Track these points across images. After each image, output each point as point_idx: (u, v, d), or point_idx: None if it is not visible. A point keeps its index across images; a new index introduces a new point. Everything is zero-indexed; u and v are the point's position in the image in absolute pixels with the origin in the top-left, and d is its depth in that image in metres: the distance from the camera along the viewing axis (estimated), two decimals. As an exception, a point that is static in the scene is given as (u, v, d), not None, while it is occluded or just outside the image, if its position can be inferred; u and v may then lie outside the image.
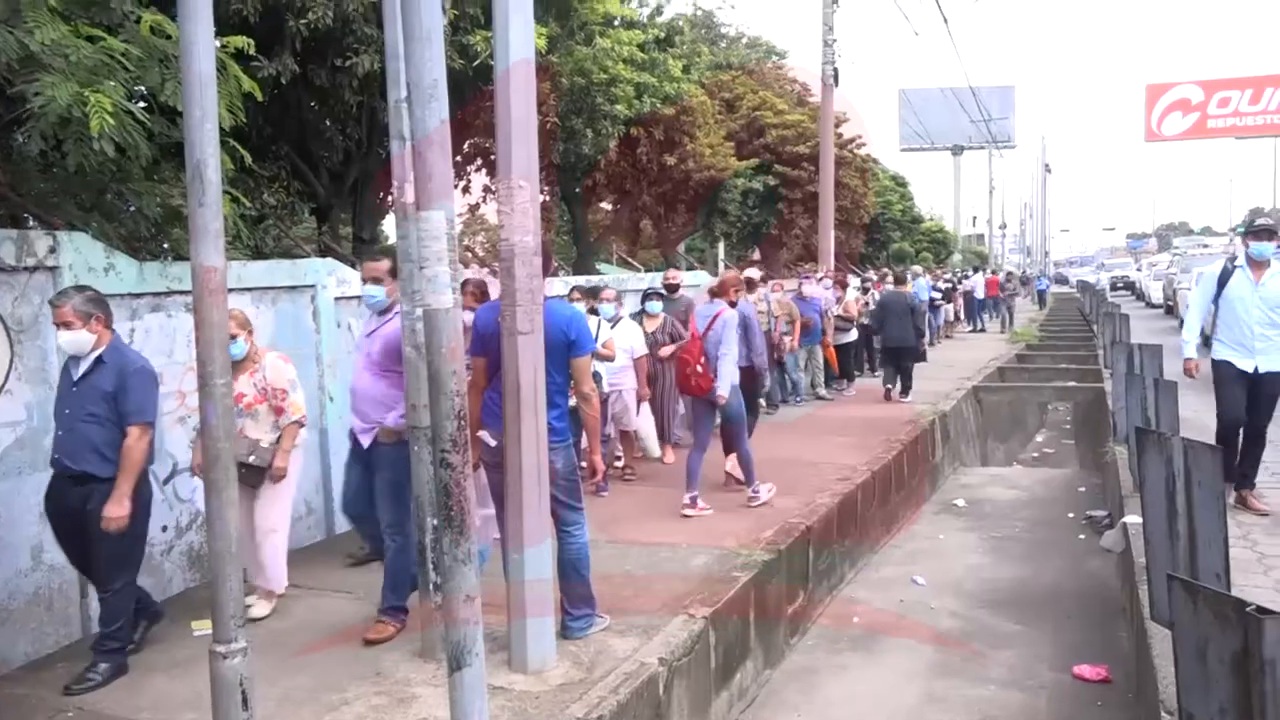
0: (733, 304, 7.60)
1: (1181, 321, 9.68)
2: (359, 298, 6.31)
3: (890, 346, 13.74)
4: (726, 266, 20.74)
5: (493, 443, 4.60)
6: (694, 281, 12.97)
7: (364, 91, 8.84)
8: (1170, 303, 31.31)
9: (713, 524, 7.09)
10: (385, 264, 5.17)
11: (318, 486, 6.94)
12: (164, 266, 5.67)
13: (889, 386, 13.45)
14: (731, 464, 8.07)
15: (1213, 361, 7.13)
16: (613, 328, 8.46)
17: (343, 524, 6.82)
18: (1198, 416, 10.27)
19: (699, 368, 7.26)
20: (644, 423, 8.64)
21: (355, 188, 10.88)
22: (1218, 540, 4.04)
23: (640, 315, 9.27)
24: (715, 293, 7.64)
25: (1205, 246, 54.05)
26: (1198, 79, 54.91)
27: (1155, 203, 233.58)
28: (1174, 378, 8.21)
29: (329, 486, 6.89)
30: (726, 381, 7.27)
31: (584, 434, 7.80)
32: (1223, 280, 7.10)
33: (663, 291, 9.49)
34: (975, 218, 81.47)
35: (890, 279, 17.26)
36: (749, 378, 8.17)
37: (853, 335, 14.52)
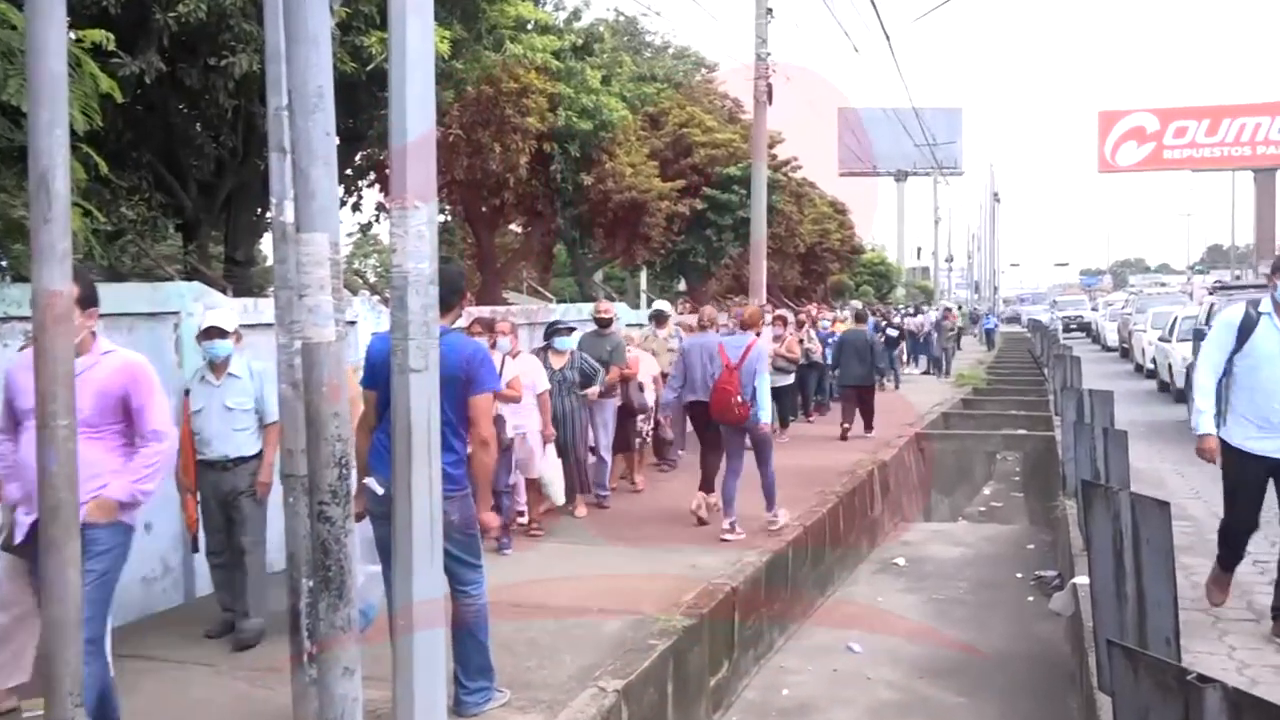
0: (744, 331, 9.08)
1: (1143, 368, 10.01)
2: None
3: (850, 384, 15.11)
4: (650, 298, 20.91)
5: (380, 491, 4.56)
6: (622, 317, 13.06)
7: (241, 94, 8.75)
8: (1125, 345, 32.56)
9: (628, 586, 7.10)
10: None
11: (175, 543, 6.76)
12: (1, 288, 5.52)
13: (846, 425, 14.73)
14: (698, 502, 9.11)
15: (1223, 445, 5.78)
16: (507, 363, 8.47)
17: (206, 585, 6.66)
18: (1151, 468, 10.68)
19: (739, 398, 8.60)
20: (549, 468, 8.64)
21: (228, 202, 10.72)
22: (1167, 602, 4.20)
23: (545, 350, 9.32)
24: (746, 324, 9.13)
25: (1163, 285, 56.21)
26: (1153, 107, 57.52)
27: (1110, 238, 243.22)
28: (1126, 426, 8.51)
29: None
30: (767, 410, 8.78)
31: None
32: (1244, 331, 5.65)
33: (572, 326, 9.55)
34: (920, 249, 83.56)
35: (850, 318, 18.80)
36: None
37: (790, 379, 14.68)
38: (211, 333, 5.99)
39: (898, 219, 78.87)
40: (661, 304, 12.60)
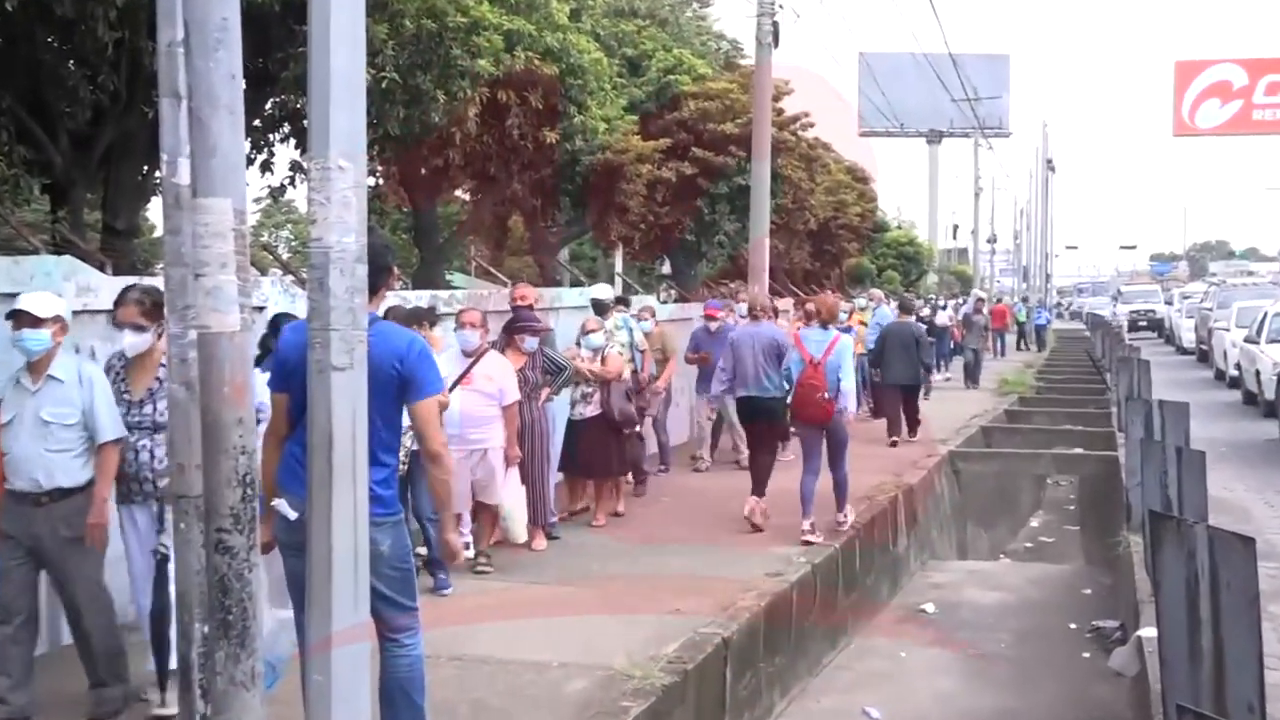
0: (824, 326, 10.28)
1: (1225, 375, 10.10)
2: (111, 311, 6.19)
3: (894, 384, 16.12)
4: (625, 283, 20.91)
5: (292, 515, 4.55)
6: (577, 300, 13.04)
7: (124, 27, 8.69)
8: (1204, 346, 32.78)
9: (596, 634, 7.12)
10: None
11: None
12: None
13: (894, 439, 15.91)
14: (750, 506, 10.34)
15: None
16: (475, 362, 8.46)
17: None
18: (1234, 497, 10.81)
19: (824, 395, 9.90)
20: (512, 495, 8.65)
21: (108, 159, 10.64)
22: (1250, 660, 4.24)
23: (500, 345, 9.34)
24: (824, 318, 10.32)
25: (1250, 274, 56.67)
26: (1240, 57, 58.07)
27: (1186, 216, 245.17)
28: (1204, 445, 8.60)
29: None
30: (852, 404, 10.37)
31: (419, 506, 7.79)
32: None
33: (536, 325, 9.54)
34: (956, 227, 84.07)
35: (870, 307, 20.02)
36: (776, 408, 10.52)
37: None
38: (21, 319, 5.53)
39: (930, 190, 79.38)
40: (599, 289, 12.51)
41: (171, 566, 5.31)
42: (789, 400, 10.32)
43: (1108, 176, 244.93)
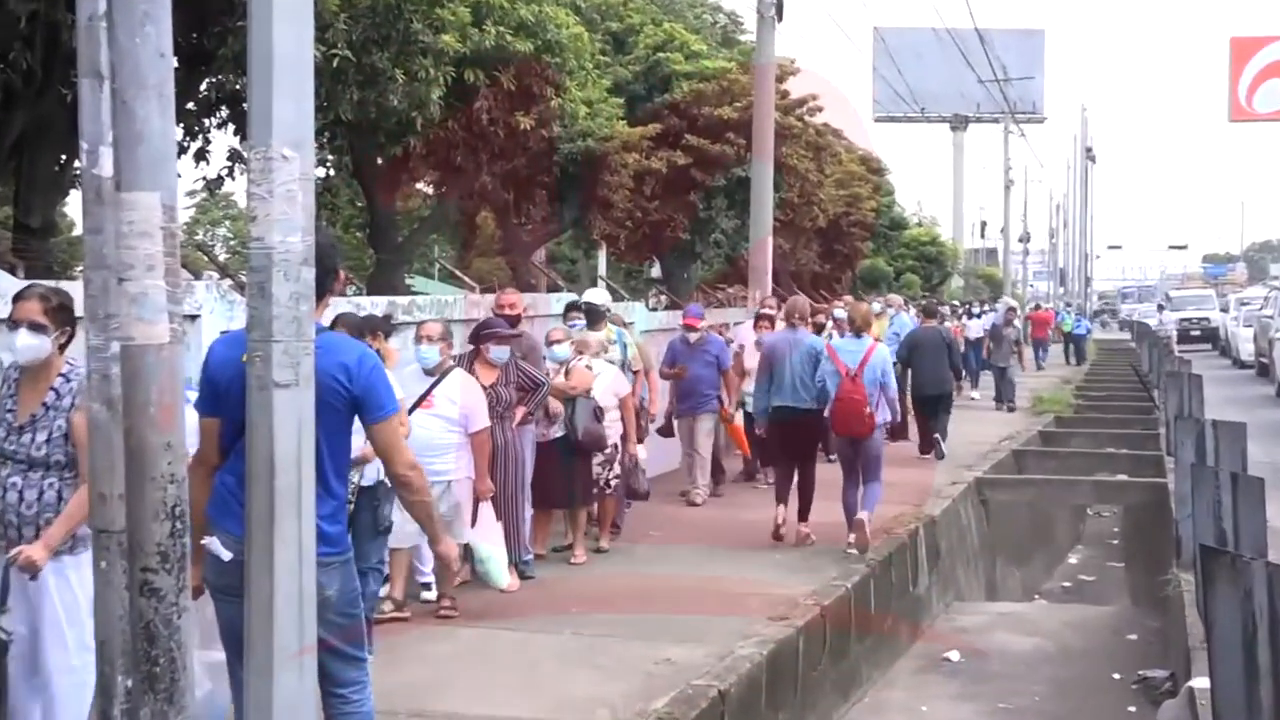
0: (857, 334, 11.14)
1: None
2: (18, 323, 6.06)
3: (924, 394, 16.70)
4: (610, 287, 20.93)
5: (226, 556, 4.53)
6: (555, 307, 13.04)
7: (39, -2, 8.68)
8: (1264, 359, 32.82)
9: (574, 689, 7.10)
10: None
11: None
12: None
13: (925, 453, 16.74)
14: (782, 517, 11.23)
15: None
16: (438, 382, 8.44)
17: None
18: (1297, 529, 10.73)
19: (868, 409, 10.64)
20: (488, 535, 8.61)
21: (20, 148, 10.61)
22: (1316, 714, 4.25)
23: (471, 361, 9.35)
24: (858, 326, 11.17)
25: (1316, 277, 56.78)
26: (1304, 32, 58.35)
27: (1244, 211, 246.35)
28: (1264, 471, 8.61)
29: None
30: (895, 415, 11.39)
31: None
32: None
33: (508, 332, 9.52)
34: (984, 224, 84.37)
35: (920, 311, 20.25)
36: (813, 421, 11.26)
37: None
38: None
39: (954, 182, 79.69)
40: (595, 293, 12.55)
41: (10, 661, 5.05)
42: (826, 414, 11.00)
43: (1155, 167, 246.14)
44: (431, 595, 8.88)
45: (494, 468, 9.00)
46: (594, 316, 11.71)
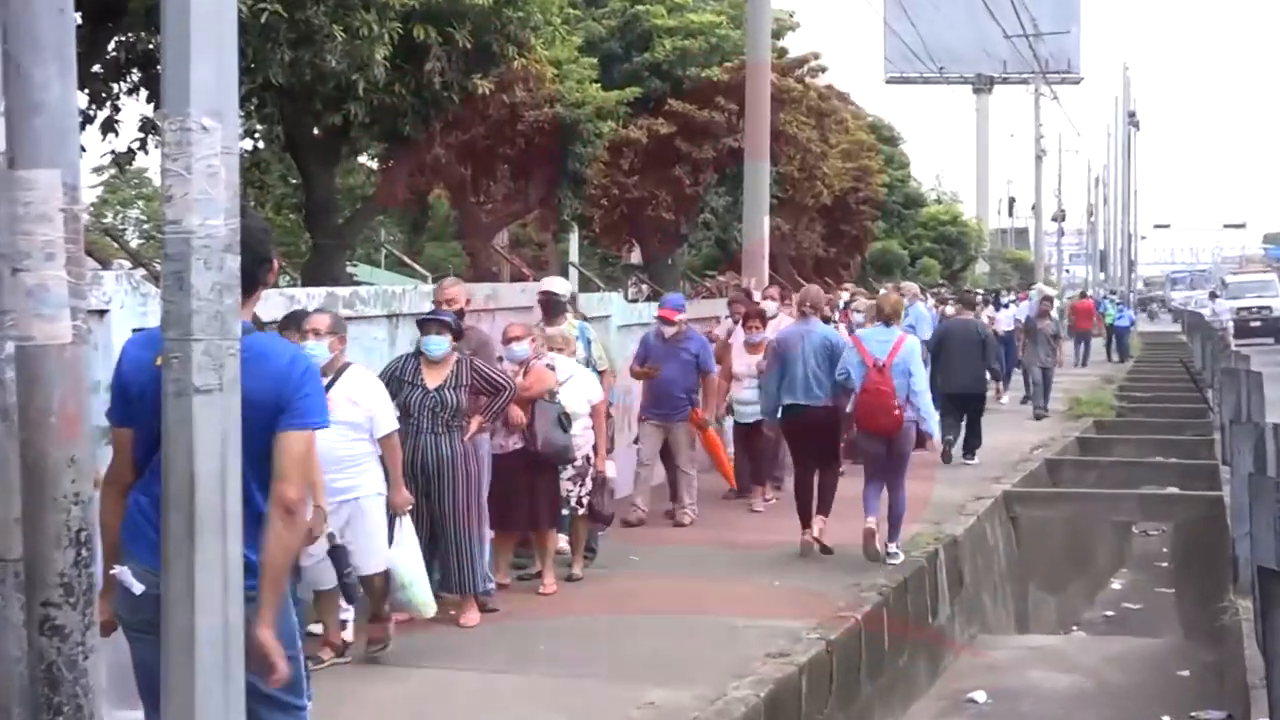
0: (886, 324, 11.67)
1: None
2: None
3: (955, 393, 17.28)
4: (582, 275, 20.90)
5: (138, 588, 4.51)
6: (519, 299, 13.00)
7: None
8: (1332, 354, 33.03)
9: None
10: None
11: None
12: None
13: (949, 438, 17.30)
14: (811, 534, 11.73)
15: None
16: (333, 382, 8.36)
17: None
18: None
19: (897, 402, 11.12)
20: (406, 555, 8.55)
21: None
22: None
23: (409, 362, 9.35)
24: (886, 315, 11.76)
25: (1390, 260, 56.89)
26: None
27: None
28: (1332, 483, 8.62)
29: None
30: (934, 417, 11.98)
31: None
32: None
33: (445, 318, 9.46)
34: (1013, 201, 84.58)
35: (956, 302, 21.39)
36: (830, 419, 11.81)
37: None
38: None
39: (977, 153, 79.74)
40: (554, 282, 12.47)
41: None
42: (851, 410, 11.50)
43: (1208, 135, 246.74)
44: (347, 635, 8.68)
45: (442, 485, 9.03)
46: (552, 308, 11.65)
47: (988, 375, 19.01)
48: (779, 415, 12.19)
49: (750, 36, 19.44)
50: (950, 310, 24.10)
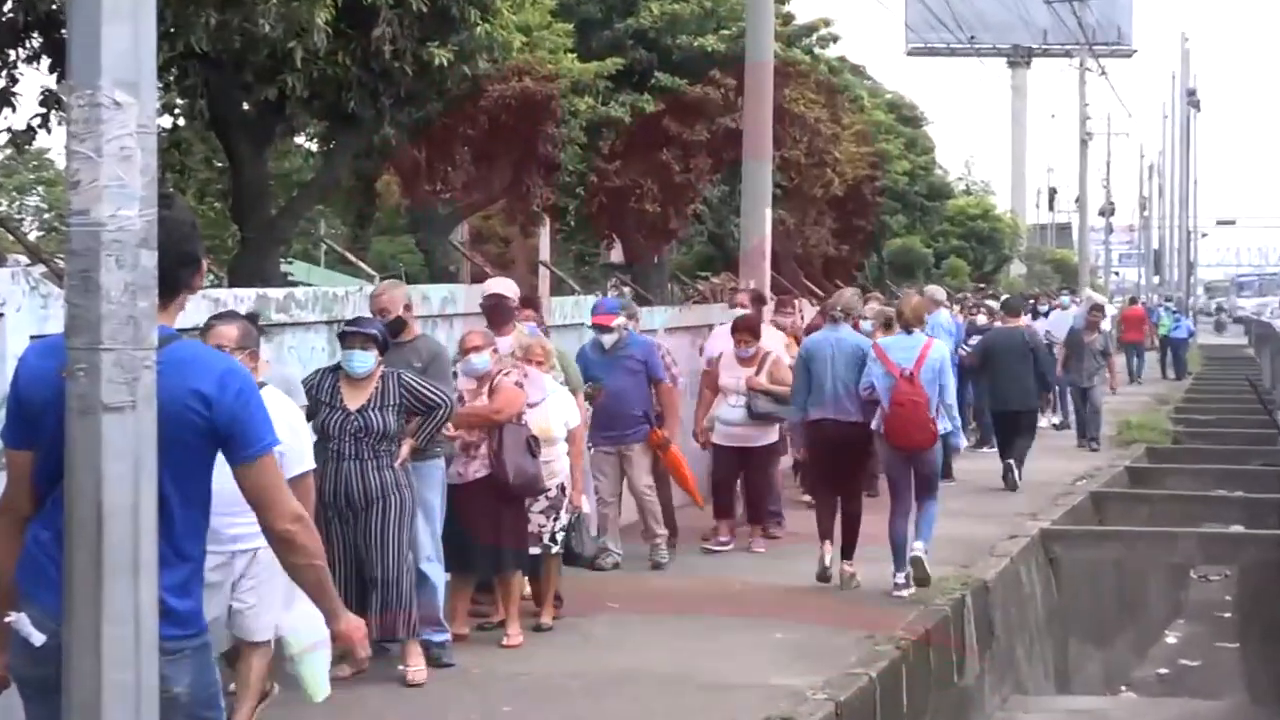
0: (908, 331, 12.34)
1: None
2: None
3: (1006, 410, 18.24)
4: (554, 275, 20.91)
5: (39, 639, 4.50)
6: (454, 307, 12.89)
7: None
8: None
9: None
10: None
11: None
12: None
13: (1009, 461, 18.31)
14: (831, 557, 12.32)
15: None
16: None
17: None
18: None
19: (931, 414, 11.85)
20: (301, 618, 8.40)
21: None
22: None
23: (326, 379, 9.29)
24: (907, 321, 12.37)
25: None
26: None
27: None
28: None
29: None
30: (959, 427, 12.97)
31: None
32: None
33: (371, 331, 9.31)
34: (1054, 192, 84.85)
35: (999, 308, 22.35)
36: (861, 437, 12.40)
37: (773, 432, 14.55)
38: None
39: (1013, 137, 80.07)
40: (500, 283, 12.36)
41: None
42: (880, 426, 12.05)
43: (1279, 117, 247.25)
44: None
45: (369, 519, 9.01)
46: (498, 313, 11.52)
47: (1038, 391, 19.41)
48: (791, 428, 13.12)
49: (751, 32, 19.44)
50: (983, 319, 24.23)
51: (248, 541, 7.71)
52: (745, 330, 14.18)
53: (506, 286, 12.21)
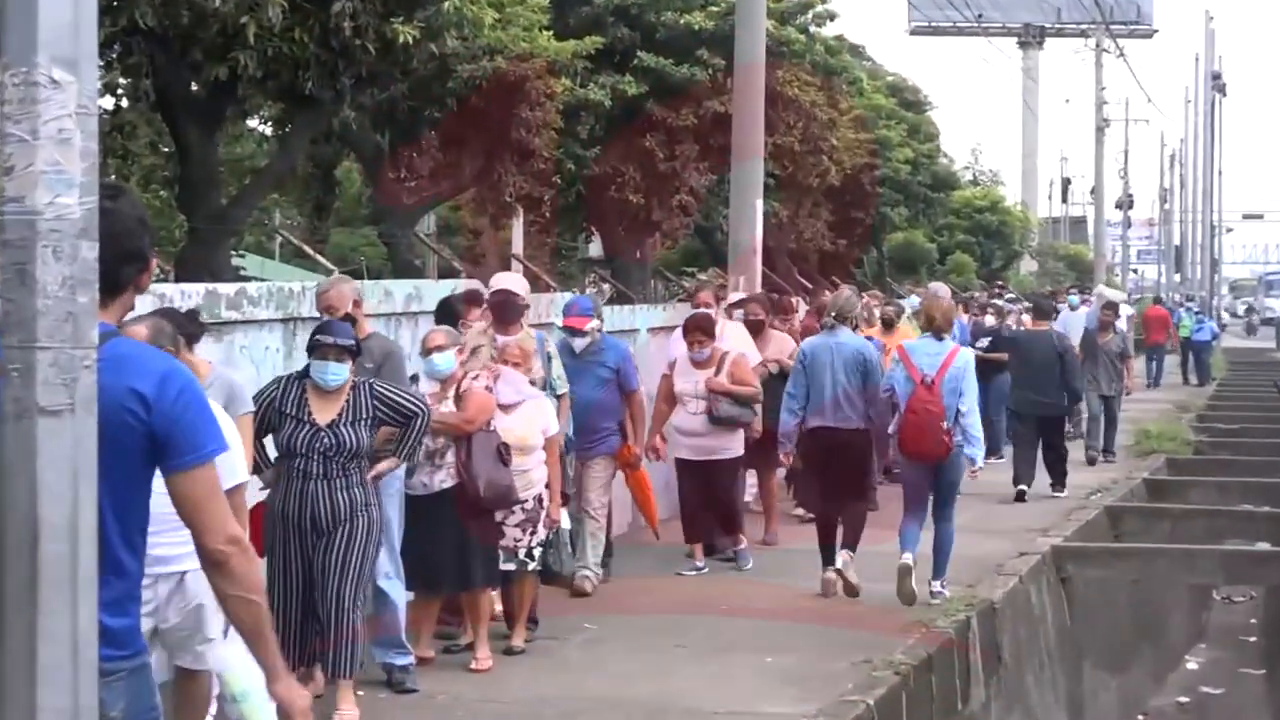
0: (938, 337, 12.84)
1: None
2: None
3: (1031, 414, 18.82)
4: (528, 270, 20.89)
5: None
6: (419, 304, 12.87)
7: None
8: None
9: None
10: None
11: None
12: None
13: (1023, 486, 18.87)
14: (834, 575, 12.67)
15: None
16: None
17: None
18: None
19: (945, 424, 12.22)
20: (238, 654, 8.35)
21: None
22: None
23: (291, 388, 9.17)
24: (938, 326, 12.83)
25: None
26: None
27: None
28: None
29: None
30: (981, 443, 12.97)
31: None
32: None
33: (346, 343, 9.07)
34: (1068, 183, 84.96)
35: (1027, 308, 23.39)
36: (862, 444, 12.91)
37: (735, 442, 14.52)
38: None
39: (1024, 123, 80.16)
40: (511, 279, 12.29)
41: None
42: (895, 431, 12.53)
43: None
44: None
45: (334, 541, 8.91)
46: (507, 311, 11.56)
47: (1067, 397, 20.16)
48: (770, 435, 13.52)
49: (741, 30, 19.40)
50: (990, 320, 24.27)
51: (175, 563, 7.54)
52: (697, 330, 13.99)
53: (515, 283, 12.25)
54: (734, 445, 14.11)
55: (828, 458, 12.96)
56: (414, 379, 10.46)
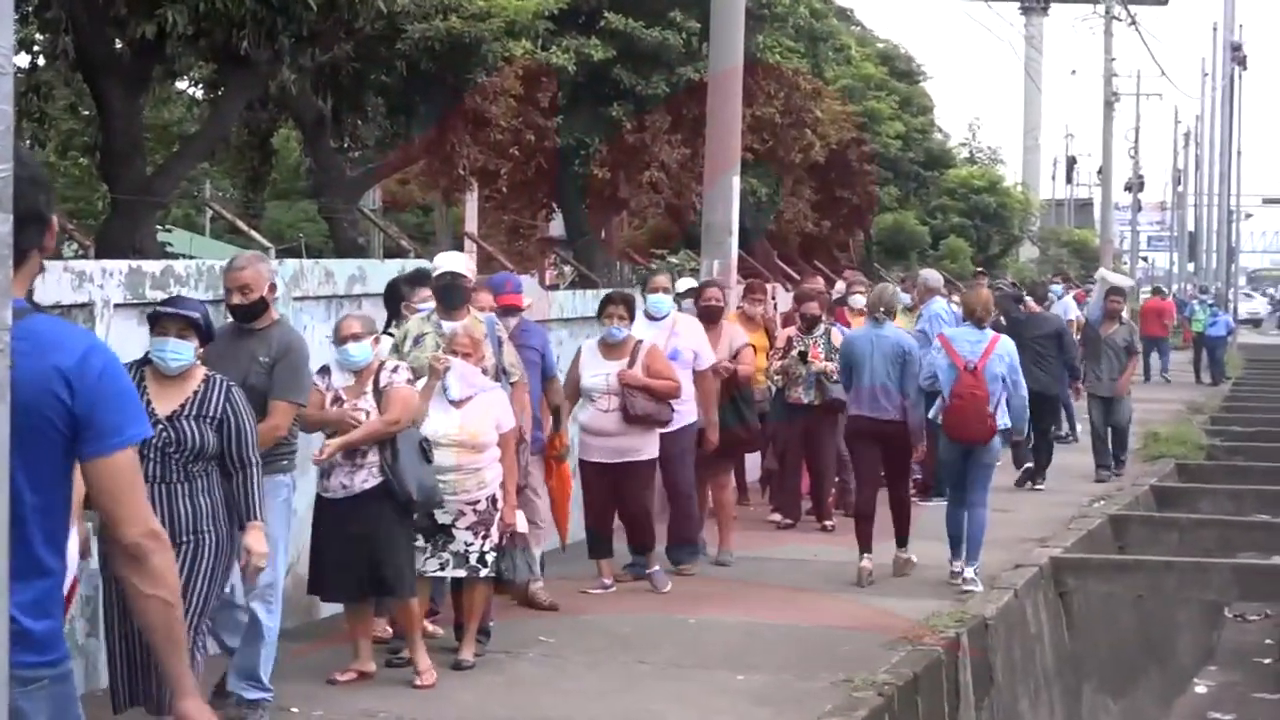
0: (979, 325, 14.53)
1: None
2: None
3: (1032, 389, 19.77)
4: (482, 249, 20.87)
5: None
6: (362, 286, 12.82)
7: None
8: None
9: None
10: None
11: None
12: None
13: (1028, 464, 20.52)
14: (905, 558, 14.63)
15: None
16: None
17: None
18: None
19: (991, 408, 13.80)
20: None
21: None
22: None
23: (131, 373, 9.05)
24: (979, 315, 14.57)
25: None
26: None
27: None
28: None
29: None
30: (1022, 423, 14.95)
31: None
32: None
33: (191, 314, 8.76)
34: (1073, 162, 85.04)
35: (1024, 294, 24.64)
36: (898, 434, 14.48)
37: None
38: None
39: (1025, 96, 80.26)
40: (452, 258, 12.20)
41: None
42: (939, 417, 14.15)
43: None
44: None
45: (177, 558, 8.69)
46: (451, 295, 11.46)
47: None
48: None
49: (717, 29, 19.24)
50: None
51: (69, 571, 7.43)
52: (622, 303, 13.68)
53: (461, 263, 11.97)
54: (649, 447, 13.69)
55: (866, 442, 14.57)
56: (325, 370, 10.33)
